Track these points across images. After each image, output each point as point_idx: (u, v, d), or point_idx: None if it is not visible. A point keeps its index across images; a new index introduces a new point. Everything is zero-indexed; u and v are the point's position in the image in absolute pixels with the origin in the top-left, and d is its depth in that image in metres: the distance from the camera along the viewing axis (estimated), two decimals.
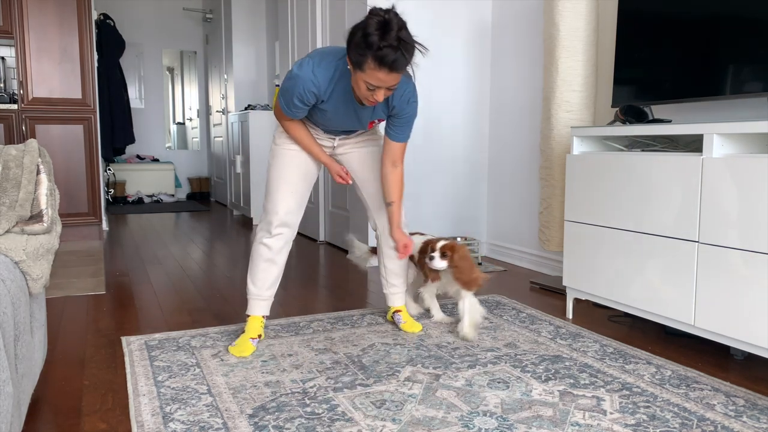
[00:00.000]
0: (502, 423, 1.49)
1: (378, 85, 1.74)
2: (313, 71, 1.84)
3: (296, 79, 1.85)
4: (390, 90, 1.80)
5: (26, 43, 4.08)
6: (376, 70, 1.70)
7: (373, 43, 1.66)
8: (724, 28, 2.03)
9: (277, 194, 2.05)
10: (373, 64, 1.69)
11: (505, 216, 3.61)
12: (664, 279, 1.98)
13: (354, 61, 1.73)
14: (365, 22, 1.69)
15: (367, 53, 1.68)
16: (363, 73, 1.72)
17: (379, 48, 1.65)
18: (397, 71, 1.72)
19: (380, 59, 1.67)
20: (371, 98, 1.80)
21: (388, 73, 1.71)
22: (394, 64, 1.69)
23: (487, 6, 3.64)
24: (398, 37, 1.66)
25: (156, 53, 7.64)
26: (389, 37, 1.65)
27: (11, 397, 1.09)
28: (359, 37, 1.68)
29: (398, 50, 1.67)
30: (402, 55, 1.68)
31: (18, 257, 1.42)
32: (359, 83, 1.77)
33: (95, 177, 4.35)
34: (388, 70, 1.70)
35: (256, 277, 2.08)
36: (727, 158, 1.77)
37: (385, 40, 1.65)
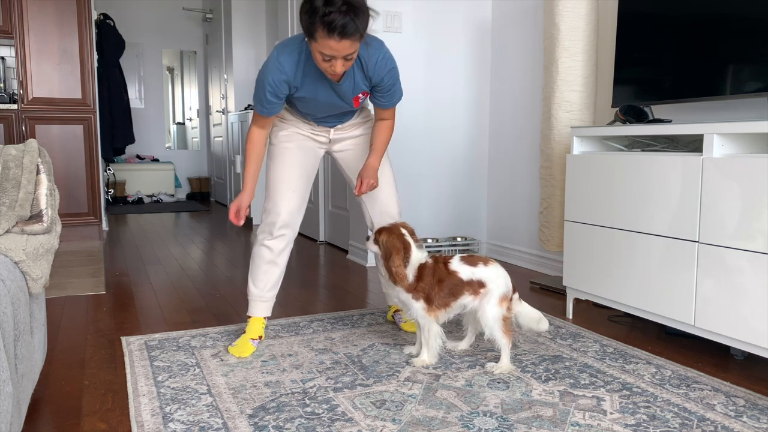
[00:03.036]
0: (502, 423, 1.49)
1: (332, 54, 1.69)
2: (277, 60, 1.82)
3: (264, 73, 1.84)
4: (348, 60, 1.74)
5: (26, 44, 4.08)
6: (326, 37, 1.65)
7: (317, 8, 1.62)
8: (724, 28, 2.03)
9: (278, 195, 2.04)
10: (323, 32, 1.65)
11: (505, 216, 3.61)
12: (664, 279, 1.98)
13: (306, 30, 1.70)
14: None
15: (315, 20, 1.64)
16: (316, 42, 1.69)
17: (324, 14, 1.62)
18: (348, 37, 1.65)
19: (328, 25, 1.62)
20: (330, 70, 1.76)
21: (339, 40, 1.65)
22: (344, 30, 1.63)
23: (487, 6, 3.64)
24: (345, 2, 1.62)
25: (156, 53, 7.64)
26: (335, 2, 1.61)
27: (11, 397, 1.09)
28: (305, 6, 1.65)
29: (347, 15, 1.61)
30: (351, 20, 1.63)
31: (18, 257, 1.42)
32: (316, 54, 1.73)
33: (95, 177, 4.35)
34: (339, 37, 1.64)
35: (258, 279, 2.07)
36: (727, 158, 1.77)
37: (331, 5, 1.61)
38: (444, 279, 1.84)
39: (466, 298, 1.85)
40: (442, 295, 1.84)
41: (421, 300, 1.84)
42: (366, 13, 1.68)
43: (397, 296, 1.89)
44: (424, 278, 1.84)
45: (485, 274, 1.85)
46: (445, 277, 1.84)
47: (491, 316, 1.82)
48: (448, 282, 1.84)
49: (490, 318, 1.82)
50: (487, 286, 1.84)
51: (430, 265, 1.86)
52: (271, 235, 2.04)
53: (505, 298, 1.83)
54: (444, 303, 1.85)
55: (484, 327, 1.84)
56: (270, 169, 2.07)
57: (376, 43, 1.87)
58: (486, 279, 1.84)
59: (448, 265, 1.86)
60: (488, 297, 1.83)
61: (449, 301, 1.85)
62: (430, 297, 1.84)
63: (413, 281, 1.84)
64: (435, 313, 1.85)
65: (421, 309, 1.84)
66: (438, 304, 1.84)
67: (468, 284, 1.84)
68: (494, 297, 1.83)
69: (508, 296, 1.85)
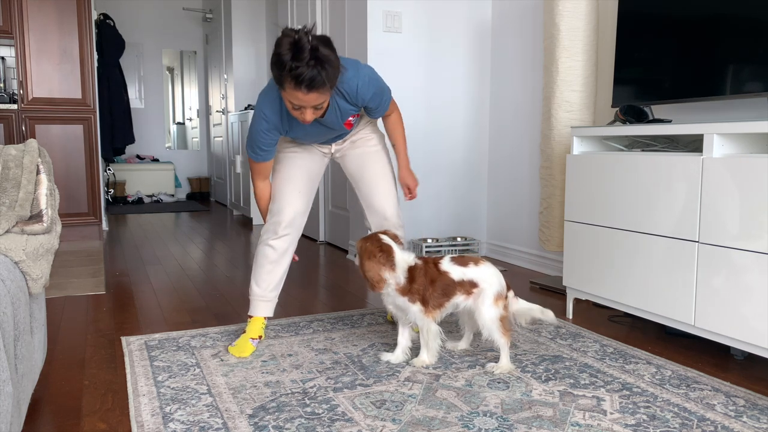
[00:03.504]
0: (502, 423, 1.49)
1: (300, 104, 1.72)
2: (262, 111, 1.88)
3: (252, 125, 1.92)
4: (318, 109, 1.76)
5: (26, 44, 4.08)
6: (293, 89, 1.67)
7: (284, 63, 1.63)
8: (724, 28, 2.03)
9: (284, 196, 2.06)
10: (290, 84, 1.66)
11: (505, 216, 3.61)
12: (664, 279, 1.98)
13: (275, 80, 1.71)
14: (278, 44, 1.65)
15: (283, 73, 1.65)
16: (285, 92, 1.71)
17: (291, 68, 1.62)
18: (317, 90, 1.67)
19: (296, 78, 1.64)
20: (300, 117, 1.77)
21: (307, 92, 1.67)
22: (312, 83, 1.64)
23: (487, 6, 3.64)
24: (315, 57, 1.62)
25: (156, 53, 7.64)
26: (302, 56, 1.61)
27: (11, 397, 1.09)
28: (274, 57, 1.66)
29: (315, 68, 1.62)
30: (319, 73, 1.63)
31: (18, 257, 1.42)
32: (286, 102, 1.75)
33: (95, 177, 4.35)
34: (306, 89, 1.66)
35: (261, 279, 2.08)
36: (727, 158, 1.77)
37: (298, 60, 1.62)
38: (436, 279, 1.84)
39: (459, 298, 1.85)
40: (436, 296, 1.83)
41: (418, 302, 1.83)
42: (335, 65, 1.68)
43: (392, 302, 1.88)
44: (417, 280, 1.83)
45: (476, 273, 1.85)
46: (436, 277, 1.84)
47: (488, 317, 1.82)
48: (440, 282, 1.84)
49: (488, 319, 1.82)
50: (479, 285, 1.84)
51: (420, 266, 1.86)
52: (275, 234, 2.05)
53: (499, 297, 1.84)
54: (438, 303, 1.84)
55: (482, 328, 1.84)
56: (276, 172, 2.10)
57: (352, 71, 1.86)
58: (478, 279, 1.84)
59: (438, 265, 1.86)
60: (483, 297, 1.83)
61: (443, 302, 1.85)
62: (425, 298, 1.83)
63: (406, 284, 1.83)
64: (432, 314, 1.84)
65: (419, 311, 1.83)
66: (433, 304, 1.84)
67: (459, 284, 1.84)
68: (489, 297, 1.83)
69: (502, 295, 1.85)
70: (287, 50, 1.62)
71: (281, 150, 2.12)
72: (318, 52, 1.62)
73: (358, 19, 3.48)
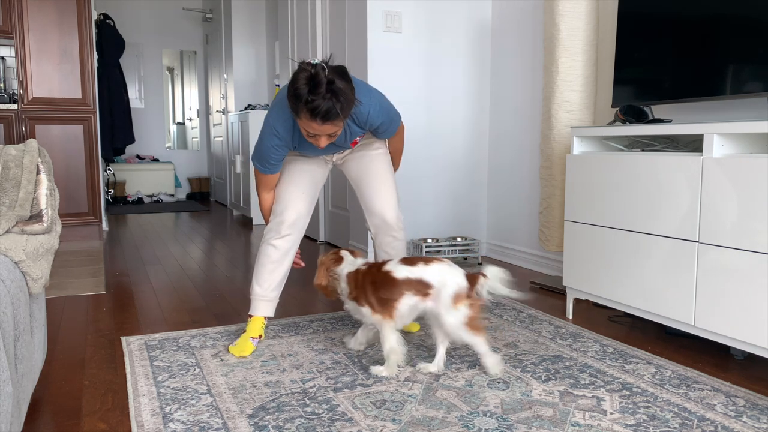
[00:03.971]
0: (502, 423, 1.49)
1: (316, 132, 1.76)
2: (273, 127, 1.90)
3: (262, 139, 1.93)
4: (332, 137, 1.81)
5: (26, 44, 4.08)
6: (309, 119, 1.71)
7: (301, 96, 1.67)
8: (724, 28, 2.03)
9: (288, 196, 2.07)
10: (307, 114, 1.70)
11: (505, 216, 3.61)
12: (664, 279, 1.98)
13: (292, 110, 1.76)
14: (295, 77, 1.70)
15: (299, 104, 1.70)
16: (300, 120, 1.75)
17: (308, 101, 1.67)
18: (332, 121, 1.71)
19: (312, 111, 1.68)
20: (314, 143, 1.82)
21: (322, 123, 1.71)
22: (327, 115, 1.69)
23: (487, 6, 3.64)
24: (330, 90, 1.66)
25: (156, 53, 7.64)
26: (318, 90, 1.65)
27: (11, 397, 1.09)
28: (291, 89, 1.71)
29: (330, 101, 1.67)
30: (334, 106, 1.68)
31: (18, 257, 1.42)
32: (302, 129, 1.79)
33: (95, 177, 4.35)
34: (321, 121, 1.70)
35: (262, 278, 2.08)
36: (727, 158, 1.77)
37: (314, 93, 1.66)
38: (377, 281, 1.81)
39: (411, 299, 1.77)
40: (378, 296, 1.79)
41: (366, 305, 1.82)
42: (350, 97, 1.72)
43: (349, 309, 1.90)
44: (358, 283, 1.84)
45: (426, 273, 1.77)
46: (377, 278, 1.81)
47: (450, 321, 1.73)
48: (381, 282, 1.79)
49: (450, 324, 1.74)
50: (434, 286, 1.76)
51: (363, 270, 1.86)
52: (278, 234, 2.06)
53: (459, 297, 1.73)
54: (384, 303, 1.79)
55: (451, 335, 1.78)
56: (281, 174, 2.11)
57: (365, 99, 1.89)
58: (429, 279, 1.76)
59: (380, 267, 1.83)
60: (440, 299, 1.74)
61: (390, 302, 1.78)
62: (369, 300, 1.81)
63: (351, 289, 1.85)
64: (383, 315, 1.80)
65: (369, 313, 1.82)
66: (380, 305, 1.79)
67: (405, 283, 1.77)
68: (446, 299, 1.73)
69: (462, 295, 1.73)
70: (304, 84, 1.67)
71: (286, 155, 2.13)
72: (333, 85, 1.67)
73: (358, 19, 3.48)
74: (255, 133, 5.17)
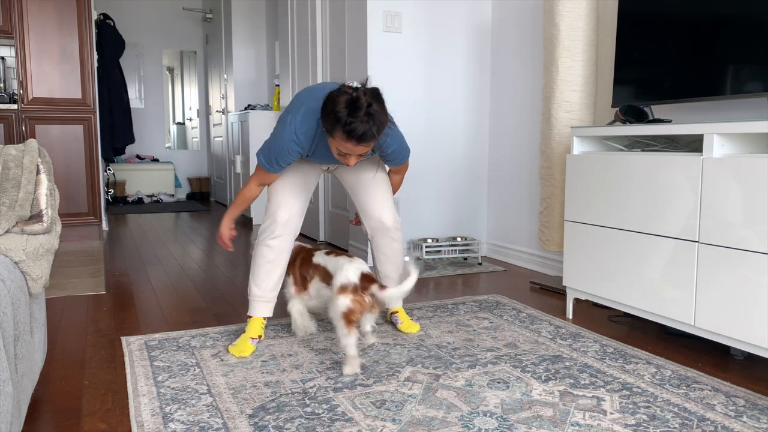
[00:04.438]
0: (502, 423, 1.49)
1: (348, 152, 1.82)
2: (295, 132, 1.90)
3: (280, 140, 1.92)
4: (361, 156, 1.86)
5: (26, 44, 4.08)
6: (344, 140, 1.76)
7: (341, 119, 1.72)
8: (724, 28, 2.03)
9: (281, 196, 2.07)
10: (343, 135, 1.75)
11: (505, 216, 3.61)
12: (664, 279, 1.98)
13: (326, 129, 1.80)
14: (335, 99, 1.74)
15: (336, 126, 1.74)
16: (334, 140, 1.80)
17: (346, 123, 1.72)
18: (366, 143, 1.77)
19: (348, 132, 1.74)
20: (343, 161, 1.87)
21: (357, 144, 1.77)
22: (363, 137, 1.75)
23: (487, 6, 3.64)
24: (368, 113, 1.71)
25: (156, 53, 7.64)
26: (358, 114, 1.71)
27: (11, 397, 1.09)
28: (329, 109, 1.74)
29: (367, 123, 1.72)
30: (370, 129, 1.73)
31: (18, 257, 1.42)
32: (332, 147, 1.84)
33: (95, 177, 4.35)
34: (356, 141, 1.76)
35: (259, 279, 2.08)
36: (727, 158, 1.77)
37: (353, 116, 1.71)
38: (304, 262, 2.10)
39: (318, 283, 2.03)
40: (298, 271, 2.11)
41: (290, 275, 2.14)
42: (384, 121, 1.78)
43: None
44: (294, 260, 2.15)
45: (331, 263, 1.97)
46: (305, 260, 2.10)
47: (332, 308, 1.87)
48: (305, 263, 2.09)
49: (332, 310, 1.87)
50: (334, 276, 1.91)
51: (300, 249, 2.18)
52: (272, 234, 2.06)
53: (343, 289, 1.83)
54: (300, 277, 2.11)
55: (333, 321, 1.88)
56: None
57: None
58: (331, 269, 1.95)
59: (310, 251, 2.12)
60: (332, 288, 1.90)
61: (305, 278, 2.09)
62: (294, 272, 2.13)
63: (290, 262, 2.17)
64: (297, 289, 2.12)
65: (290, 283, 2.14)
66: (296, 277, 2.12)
67: (315, 267, 2.03)
68: (334, 288, 1.88)
69: (347, 287, 1.84)
70: (344, 107, 1.71)
71: None
72: (371, 108, 1.72)
73: (358, 19, 3.48)
74: (255, 133, 5.17)
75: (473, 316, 2.44)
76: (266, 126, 5.19)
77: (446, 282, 3.08)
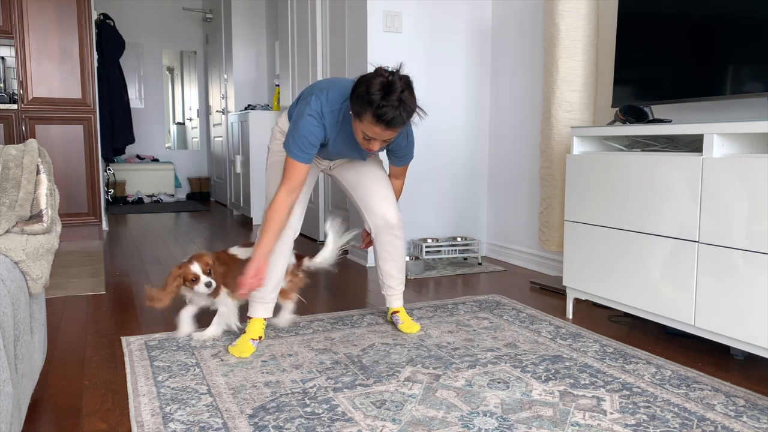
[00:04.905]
0: (502, 423, 1.49)
1: (374, 137, 1.82)
2: (320, 116, 1.89)
3: (304, 126, 1.88)
4: (385, 142, 1.87)
5: (26, 44, 4.08)
6: (373, 124, 1.77)
7: (373, 101, 1.73)
8: (724, 28, 2.03)
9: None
10: (372, 119, 1.76)
11: (505, 216, 3.61)
12: (664, 279, 1.98)
13: (354, 111, 1.80)
14: (369, 81, 1.74)
15: (367, 108, 1.75)
16: (361, 123, 1.80)
17: (378, 106, 1.72)
18: (394, 128, 1.79)
19: (378, 116, 1.75)
20: (366, 146, 1.88)
21: (385, 129, 1.78)
22: (392, 122, 1.76)
23: (487, 6, 3.64)
24: (400, 98, 1.73)
25: (156, 53, 7.64)
26: (391, 98, 1.72)
27: (11, 397, 1.09)
28: (362, 91, 1.75)
29: (398, 109, 1.73)
30: (400, 114, 1.75)
31: (18, 257, 1.42)
32: (357, 131, 1.85)
33: (95, 177, 4.35)
34: (385, 126, 1.77)
35: None
36: (727, 158, 1.77)
37: (386, 100, 1.72)
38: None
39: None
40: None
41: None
42: (413, 107, 1.80)
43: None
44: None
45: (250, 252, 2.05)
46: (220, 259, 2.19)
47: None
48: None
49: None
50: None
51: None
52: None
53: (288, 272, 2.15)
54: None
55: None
56: (272, 174, 2.10)
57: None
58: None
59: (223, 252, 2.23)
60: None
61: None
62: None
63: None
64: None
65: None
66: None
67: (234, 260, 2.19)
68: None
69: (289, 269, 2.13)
70: (377, 90, 1.72)
71: (277, 155, 2.12)
72: (403, 94, 1.73)
73: (358, 19, 3.48)
74: (255, 133, 5.17)
75: (473, 316, 2.44)
76: (266, 126, 5.19)
77: (446, 282, 3.08)
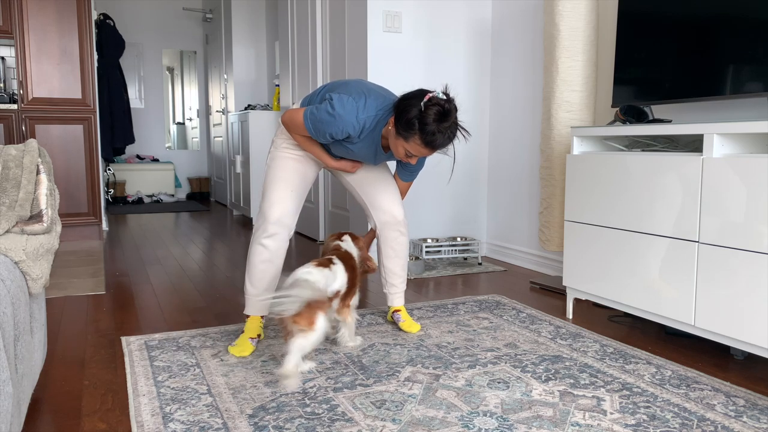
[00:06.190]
0: (502, 423, 1.49)
1: (416, 155, 1.88)
2: (357, 117, 1.90)
3: (338, 119, 1.89)
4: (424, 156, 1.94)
5: (26, 44, 4.08)
6: (419, 146, 1.83)
7: (427, 130, 1.78)
8: (724, 28, 2.03)
9: (275, 195, 2.06)
10: (419, 141, 1.81)
11: (505, 216, 3.61)
12: (664, 279, 1.98)
13: (400, 132, 1.83)
14: (425, 110, 1.77)
15: (419, 134, 1.79)
16: (407, 143, 1.84)
17: (432, 133, 1.78)
18: (437, 150, 1.86)
19: (428, 142, 1.81)
20: (405, 160, 1.93)
21: (431, 150, 1.85)
22: (440, 146, 1.84)
23: (487, 6, 3.64)
24: (449, 127, 1.79)
25: (156, 53, 7.64)
26: (444, 125, 1.77)
27: (11, 397, 1.09)
28: (414, 117, 1.78)
29: (446, 135, 1.81)
30: (447, 140, 1.82)
31: (18, 257, 1.42)
32: (398, 147, 1.88)
33: (95, 177, 4.35)
34: (431, 149, 1.84)
35: (254, 278, 2.08)
36: (727, 158, 1.77)
37: (440, 128, 1.78)
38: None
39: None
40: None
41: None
42: (456, 134, 1.85)
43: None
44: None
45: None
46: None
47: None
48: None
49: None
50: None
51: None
52: (266, 232, 2.05)
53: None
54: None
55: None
56: (270, 171, 2.10)
57: None
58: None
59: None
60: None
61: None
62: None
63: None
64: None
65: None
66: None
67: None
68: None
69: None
70: (433, 121, 1.77)
71: (280, 150, 2.12)
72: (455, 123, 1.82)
73: (358, 19, 3.48)
74: (255, 133, 5.17)
75: (473, 316, 2.44)
76: (266, 126, 5.19)
77: (446, 282, 3.08)
